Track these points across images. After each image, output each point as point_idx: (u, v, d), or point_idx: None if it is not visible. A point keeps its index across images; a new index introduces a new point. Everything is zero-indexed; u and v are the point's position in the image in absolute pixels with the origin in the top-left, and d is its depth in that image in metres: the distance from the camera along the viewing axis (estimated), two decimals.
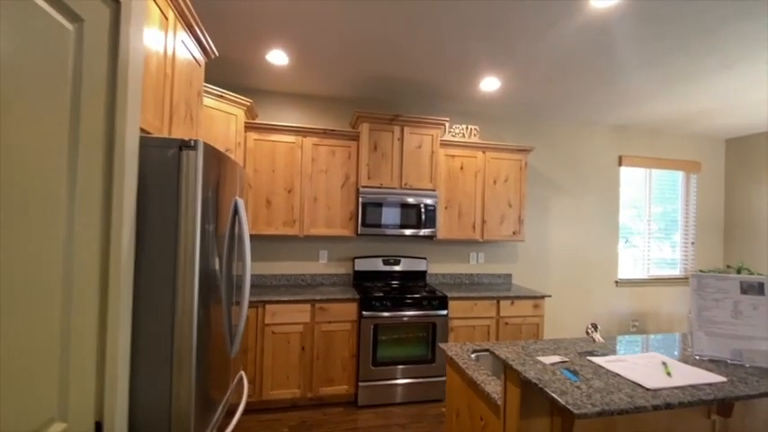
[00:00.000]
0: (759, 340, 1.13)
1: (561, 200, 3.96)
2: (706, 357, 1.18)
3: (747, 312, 1.16)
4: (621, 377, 1.01)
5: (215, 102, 2.66)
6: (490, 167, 3.41)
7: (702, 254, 4.36)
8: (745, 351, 1.14)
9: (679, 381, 0.99)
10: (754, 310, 1.16)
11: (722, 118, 3.66)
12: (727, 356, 1.17)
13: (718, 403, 0.99)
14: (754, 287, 1.17)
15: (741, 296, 1.17)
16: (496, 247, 3.78)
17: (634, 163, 4.12)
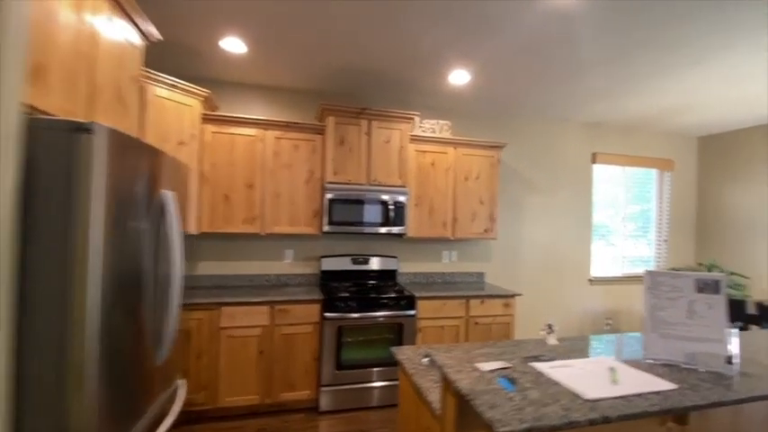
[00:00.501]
0: (713, 342, 1.06)
1: (534, 197, 3.90)
2: (659, 361, 1.10)
3: (702, 312, 1.09)
4: (561, 386, 0.92)
5: (167, 91, 2.50)
6: (462, 164, 3.32)
7: (676, 252, 4.37)
8: (699, 354, 1.06)
9: (625, 389, 0.90)
10: (709, 309, 1.08)
11: (693, 115, 3.65)
12: (680, 360, 1.09)
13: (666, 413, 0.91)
14: (709, 285, 1.09)
15: (696, 295, 1.10)
16: (469, 245, 3.69)
17: (608, 160, 4.10)
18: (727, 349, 1.04)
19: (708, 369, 1.05)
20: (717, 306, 1.07)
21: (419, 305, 2.90)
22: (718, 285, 1.08)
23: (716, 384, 0.96)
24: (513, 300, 3.15)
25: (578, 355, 1.21)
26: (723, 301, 1.07)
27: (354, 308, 2.74)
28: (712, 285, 1.09)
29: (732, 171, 4.09)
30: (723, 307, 1.06)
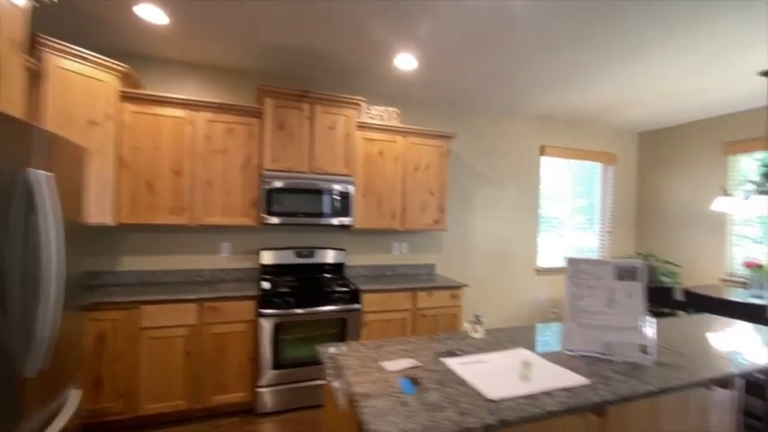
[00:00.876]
0: (631, 331, 1.02)
1: (484, 189, 3.90)
2: (578, 353, 1.06)
3: (621, 300, 1.05)
4: (467, 385, 0.84)
5: (75, 64, 2.20)
6: (411, 153, 3.23)
7: (618, 242, 4.56)
8: (616, 344, 1.02)
9: (534, 386, 0.83)
10: (628, 297, 1.04)
11: (632, 111, 3.78)
12: (599, 350, 1.05)
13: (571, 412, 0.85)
14: (629, 272, 1.05)
15: (616, 283, 1.06)
16: (420, 236, 3.63)
17: (555, 153, 4.17)
18: (642, 338, 1.01)
19: (624, 360, 1.01)
20: (635, 294, 1.04)
21: (364, 299, 2.79)
22: (636, 272, 1.04)
23: (630, 377, 0.92)
24: (461, 291, 3.12)
25: (499, 348, 1.14)
26: (641, 289, 1.03)
27: (293, 303, 2.58)
28: (631, 272, 1.05)
29: (668, 165, 4.30)
30: (641, 295, 1.03)
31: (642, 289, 1.03)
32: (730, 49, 2.43)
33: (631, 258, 4.33)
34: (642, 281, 1.03)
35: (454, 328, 3.09)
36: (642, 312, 1.02)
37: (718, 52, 2.47)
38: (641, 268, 1.04)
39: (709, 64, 2.64)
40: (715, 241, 3.84)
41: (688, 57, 2.54)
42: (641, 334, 1.02)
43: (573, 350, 1.08)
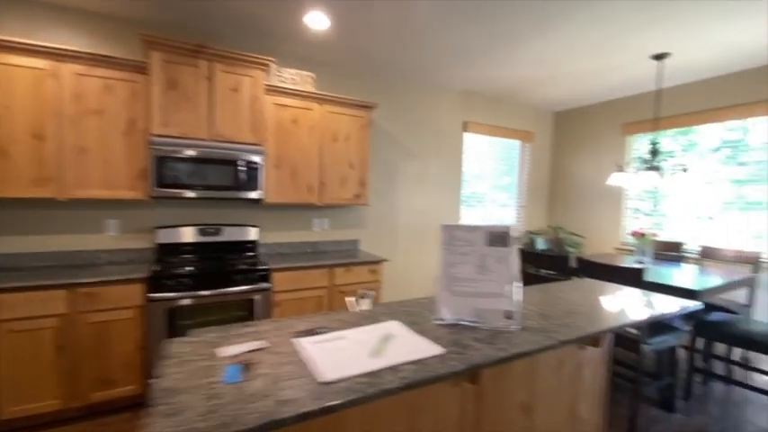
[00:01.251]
0: (498, 298, 1.01)
1: (410, 163, 3.87)
2: (448, 321, 1.03)
3: (492, 267, 1.02)
4: (305, 367, 0.75)
5: None
6: (329, 123, 3.05)
7: (532, 216, 4.85)
8: (485, 311, 1.00)
9: (383, 362, 0.77)
10: (498, 263, 1.02)
11: (548, 90, 3.94)
12: (470, 319, 1.02)
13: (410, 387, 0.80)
14: (499, 238, 1.02)
15: (487, 249, 1.03)
16: (342, 212, 3.51)
17: (478, 130, 4.25)
18: (508, 304, 1.00)
19: (489, 327, 1.00)
20: (505, 260, 1.02)
21: (275, 277, 2.63)
22: (506, 238, 1.02)
23: (488, 344, 0.91)
24: (380, 266, 3.09)
25: (369, 322, 1.07)
26: (511, 254, 1.02)
27: (190, 285, 2.34)
28: (502, 238, 1.02)
29: (578, 144, 4.60)
30: (511, 260, 1.01)
31: (512, 254, 1.02)
32: (627, 33, 2.56)
33: (544, 231, 4.64)
34: (512, 246, 1.01)
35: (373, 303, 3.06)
36: (512, 278, 1.01)
37: (616, 33, 2.59)
38: (510, 233, 1.02)
39: (608, 44, 2.78)
40: (612, 214, 4.23)
41: (590, 32, 2.63)
42: (508, 300, 1.01)
43: (445, 319, 1.05)
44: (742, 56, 2.93)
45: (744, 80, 3.22)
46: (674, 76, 3.44)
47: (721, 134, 3.44)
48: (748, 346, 2.28)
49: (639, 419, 2.27)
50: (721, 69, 3.23)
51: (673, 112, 3.67)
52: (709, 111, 3.41)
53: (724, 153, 3.41)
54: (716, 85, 3.39)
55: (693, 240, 3.59)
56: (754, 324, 2.42)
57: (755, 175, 3.21)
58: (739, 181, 3.31)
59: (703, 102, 3.47)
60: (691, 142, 3.67)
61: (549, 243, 3.74)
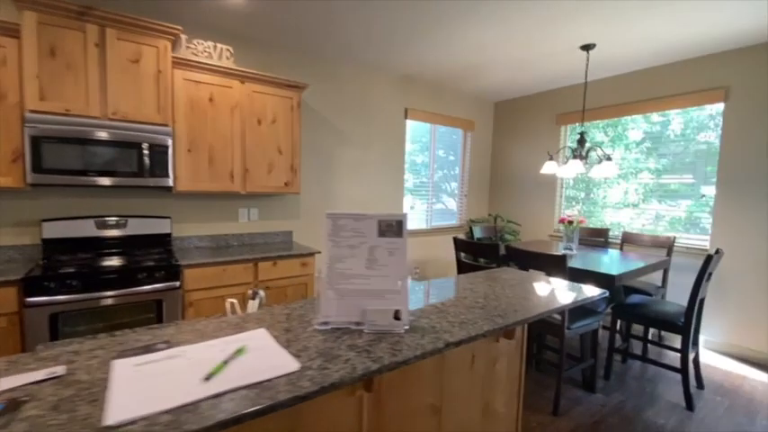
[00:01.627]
0: (387, 296, 0.88)
1: (348, 150, 3.69)
2: (332, 326, 0.89)
3: (383, 260, 0.89)
4: (99, 404, 0.57)
5: None
6: (253, 103, 2.78)
7: (474, 205, 4.89)
8: (371, 312, 0.87)
9: (213, 387, 0.61)
10: (390, 256, 0.89)
11: (487, 78, 3.92)
12: (356, 321, 0.89)
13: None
14: (392, 227, 0.90)
15: (378, 239, 0.89)
16: (272, 201, 3.26)
17: (419, 117, 4.16)
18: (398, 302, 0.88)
19: (374, 329, 0.88)
20: (398, 252, 0.89)
21: (187, 275, 2.35)
22: (401, 226, 0.89)
23: (363, 352, 0.78)
24: (312, 258, 2.91)
25: (232, 332, 0.90)
26: (405, 246, 0.89)
27: (79, 287, 2.02)
28: (394, 227, 0.89)
29: (516, 134, 4.68)
30: (404, 253, 0.89)
31: (405, 246, 0.89)
32: (556, 21, 2.55)
33: (485, 220, 4.69)
34: (405, 236, 0.89)
35: (304, 298, 2.88)
36: (404, 273, 0.89)
37: (546, 20, 2.57)
38: (405, 221, 0.90)
39: (539, 33, 2.76)
40: (548, 202, 4.36)
41: (521, 19, 2.59)
42: (398, 298, 0.89)
43: (329, 323, 0.91)
44: (664, 50, 3.06)
45: (665, 74, 3.39)
46: (603, 68, 3.55)
47: (645, 127, 3.63)
48: (660, 325, 2.40)
49: (563, 401, 2.32)
50: (644, 63, 3.38)
51: (600, 104, 3.81)
52: (633, 103, 3.57)
53: (646, 145, 3.60)
54: (639, 78, 3.54)
55: (619, 227, 3.79)
56: (666, 305, 2.56)
57: (672, 166, 3.42)
58: (658, 171, 3.52)
59: (628, 94, 3.62)
60: (618, 134, 3.84)
61: (487, 231, 3.77)
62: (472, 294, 1.33)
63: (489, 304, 1.21)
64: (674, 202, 3.42)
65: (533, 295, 1.34)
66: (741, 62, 2.96)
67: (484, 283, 1.49)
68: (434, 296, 1.33)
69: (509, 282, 1.53)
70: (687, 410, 2.26)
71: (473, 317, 1.07)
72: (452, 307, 1.17)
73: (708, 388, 2.54)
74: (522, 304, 1.22)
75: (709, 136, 3.21)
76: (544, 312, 1.14)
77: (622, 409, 2.26)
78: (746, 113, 2.94)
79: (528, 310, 1.16)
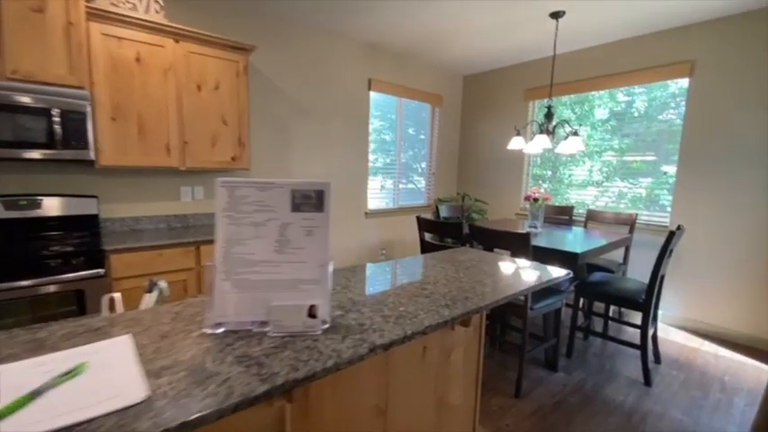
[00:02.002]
0: (302, 288, 0.69)
1: (307, 123, 3.41)
2: (224, 329, 0.69)
3: (298, 241, 0.70)
4: None
5: None
6: (191, 66, 2.45)
7: (442, 183, 4.75)
8: (280, 310, 0.68)
9: None
10: (307, 236, 0.70)
11: (454, 49, 3.71)
12: (260, 321, 0.70)
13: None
14: (310, 199, 0.70)
15: (292, 215, 0.70)
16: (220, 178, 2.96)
17: (384, 89, 3.91)
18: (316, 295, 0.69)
19: (284, 331, 0.69)
20: (319, 231, 0.70)
21: (113, 261, 2.07)
22: (322, 198, 0.70)
23: (254, 366, 0.60)
24: None
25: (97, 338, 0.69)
26: (327, 223, 0.70)
27: None
28: (314, 199, 0.70)
29: (485, 109, 4.53)
30: (326, 231, 0.70)
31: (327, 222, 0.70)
32: None
33: (454, 199, 4.56)
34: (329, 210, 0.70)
35: None
36: (325, 256, 0.69)
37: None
38: (328, 190, 0.70)
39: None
40: (515, 180, 4.29)
41: None
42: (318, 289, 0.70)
43: (223, 325, 0.71)
44: (632, 20, 2.95)
45: (632, 47, 3.30)
46: (571, 41, 3.42)
47: (610, 105, 3.57)
48: (622, 303, 2.37)
49: (525, 382, 2.27)
50: (612, 35, 3.27)
51: (568, 79, 3.71)
52: (600, 77, 3.48)
53: (611, 124, 3.55)
54: (607, 51, 3.45)
55: (584, 205, 3.77)
56: (627, 282, 2.54)
57: (635, 144, 3.39)
58: (622, 149, 3.48)
59: (596, 68, 3.53)
60: (585, 112, 3.77)
61: (453, 210, 3.65)
62: (421, 279, 1.17)
63: (438, 291, 1.06)
64: (636, 180, 3.42)
65: (490, 278, 1.20)
66: (707, 36, 2.90)
67: (437, 266, 1.34)
68: (376, 282, 1.17)
69: (465, 263, 1.39)
70: (645, 386, 2.27)
71: (415, 308, 0.91)
72: (393, 296, 1.00)
73: (664, 362, 2.57)
74: (477, 290, 1.07)
75: (671, 114, 3.19)
76: (500, 299, 1.00)
77: (583, 388, 2.23)
78: (710, 89, 2.91)
79: (482, 296, 1.01)
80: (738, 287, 2.84)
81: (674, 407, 2.07)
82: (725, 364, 2.54)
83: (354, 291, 1.07)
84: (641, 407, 2.07)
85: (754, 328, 2.79)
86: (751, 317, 2.80)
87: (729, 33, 2.80)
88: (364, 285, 1.12)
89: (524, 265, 1.41)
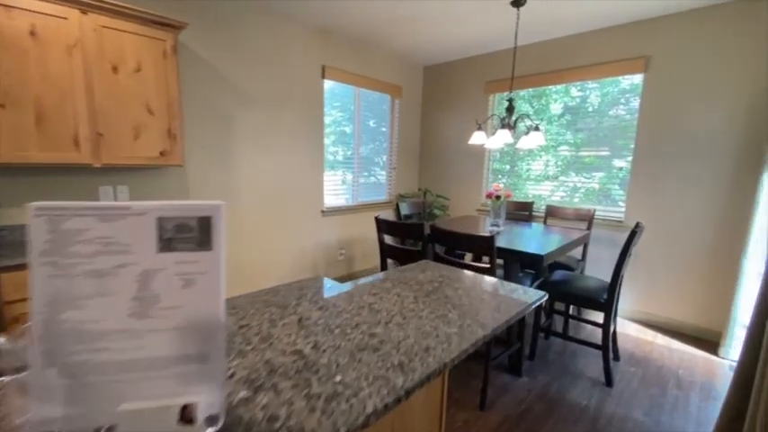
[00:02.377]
0: (175, 372, 0.45)
1: (253, 113, 3.08)
2: None
3: (170, 298, 0.46)
4: None
5: None
6: (103, 43, 2.06)
7: (403, 179, 4.58)
8: (127, 416, 0.43)
9: None
10: (185, 288, 0.46)
11: (413, 37, 3.51)
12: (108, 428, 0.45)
13: None
14: (190, 231, 0.46)
15: (160, 258, 0.45)
16: (149, 176, 2.59)
17: (339, 77, 3.64)
18: (199, 382, 0.45)
19: None
20: (206, 279, 0.46)
21: (4, 280, 1.69)
22: (209, 229, 0.46)
23: None
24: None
25: None
26: (219, 267, 0.47)
27: None
28: (195, 231, 0.45)
29: (445, 102, 4.40)
30: (218, 279, 0.46)
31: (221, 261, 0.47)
32: None
33: (416, 195, 4.40)
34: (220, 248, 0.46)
35: None
36: (216, 321, 0.46)
37: None
38: (217, 218, 0.46)
39: None
40: (476, 175, 4.21)
41: None
42: (205, 370, 0.47)
43: None
44: (591, 12, 2.90)
45: (591, 41, 3.28)
46: (532, 33, 3.34)
47: (566, 100, 3.55)
48: (584, 303, 2.32)
49: (490, 390, 2.16)
50: (572, 28, 3.22)
51: (528, 72, 3.64)
52: (559, 71, 3.44)
53: (566, 119, 3.54)
54: (566, 44, 3.40)
55: (540, 199, 3.75)
56: (588, 280, 2.50)
57: (588, 139, 3.40)
58: (576, 144, 3.48)
59: (555, 62, 3.48)
60: (542, 106, 3.74)
61: (415, 207, 3.48)
62: (370, 318, 0.95)
63: (391, 337, 0.85)
64: (590, 174, 3.44)
65: (456, 311, 1.01)
66: (661, 32, 2.92)
67: (392, 291, 1.13)
68: (310, 323, 0.90)
69: (425, 287, 1.19)
70: (606, 386, 2.24)
71: (356, 375, 0.68)
72: (330, 350, 0.76)
73: (622, 358, 2.57)
74: (440, 331, 0.88)
75: (621, 110, 3.21)
76: (469, 347, 0.82)
77: (548, 393, 2.16)
78: (664, 84, 2.93)
79: (447, 343, 0.81)
80: (687, 280, 2.92)
81: (636, 407, 2.05)
82: (678, 357, 2.59)
83: (277, 343, 0.82)
84: (605, 410, 2.02)
85: (702, 320, 2.88)
86: (699, 308, 2.89)
87: (683, 29, 2.82)
88: (293, 330, 0.88)
89: (494, 287, 1.24)
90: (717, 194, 2.75)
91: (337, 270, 3.96)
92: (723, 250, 2.75)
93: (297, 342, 0.83)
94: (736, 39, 2.61)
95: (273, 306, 1.01)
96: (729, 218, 2.71)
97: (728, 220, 2.72)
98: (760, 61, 2.54)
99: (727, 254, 2.73)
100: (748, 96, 2.59)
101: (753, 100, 2.58)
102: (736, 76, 2.63)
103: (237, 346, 0.79)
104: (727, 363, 2.53)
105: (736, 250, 2.65)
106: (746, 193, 2.62)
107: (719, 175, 2.74)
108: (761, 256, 2.46)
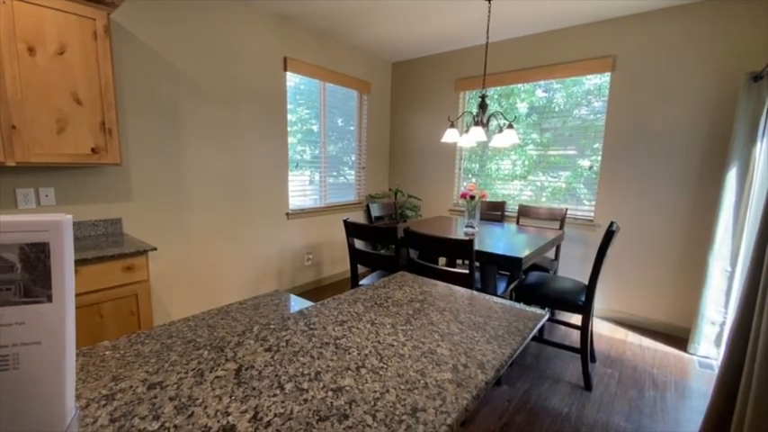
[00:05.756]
0: None
1: (205, 107, 2.78)
2: None
3: None
4: None
5: None
6: (16, 20, 1.73)
7: (374, 178, 4.41)
8: None
9: None
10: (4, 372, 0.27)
11: (379, 29, 3.34)
12: None
13: None
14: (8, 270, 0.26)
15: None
16: (80, 176, 2.25)
17: (303, 70, 3.41)
18: None
19: None
20: (46, 346, 0.27)
21: None
22: (48, 263, 0.25)
23: None
24: (144, 258, 2.05)
25: None
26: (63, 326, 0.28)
27: None
28: (19, 272, 0.26)
29: (415, 99, 4.27)
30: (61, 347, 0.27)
31: (65, 321, 0.28)
32: None
33: (386, 195, 4.23)
34: (66, 292, 0.28)
35: (138, 318, 2.04)
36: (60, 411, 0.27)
37: None
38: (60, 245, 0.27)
39: None
40: (447, 174, 4.10)
41: None
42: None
43: None
44: (561, 10, 2.85)
45: (560, 40, 3.25)
46: (502, 29, 3.27)
47: (532, 99, 3.52)
48: (562, 306, 2.25)
49: None
50: (542, 26, 3.18)
51: (498, 69, 3.58)
52: (529, 69, 3.40)
53: (533, 119, 3.51)
54: (536, 42, 3.36)
55: (509, 198, 3.70)
56: (564, 282, 2.44)
57: (555, 139, 3.39)
58: (543, 144, 3.46)
59: (525, 60, 3.43)
60: (510, 105, 3.69)
61: (386, 209, 3.32)
62: (335, 361, 0.74)
63: (364, 394, 0.63)
64: (556, 173, 3.43)
65: (447, 345, 0.82)
66: (628, 31, 2.92)
67: (364, 319, 0.93)
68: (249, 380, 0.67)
69: (405, 309, 1.01)
70: (586, 390, 2.17)
71: None
72: (275, 426, 0.55)
73: (598, 359, 2.54)
74: (428, 377, 0.70)
75: (584, 111, 3.22)
76: (469, 401, 0.65)
77: (528, 402, 2.06)
78: (631, 84, 2.94)
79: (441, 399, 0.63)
80: (656, 277, 2.95)
81: (616, 412, 1.99)
82: (651, 356, 2.59)
83: (199, 413, 0.58)
84: (586, 417, 1.95)
85: (671, 317, 2.92)
86: (668, 305, 2.92)
87: (650, 29, 2.83)
88: (227, 389, 0.64)
89: (486, 306, 1.09)
90: (683, 193, 2.79)
91: (305, 276, 3.72)
92: (690, 248, 2.79)
93: (229, 409, 0.60)
94: (700, 39, 2.65)
95: (206, 348, 0.79)
96: (696, 216, 2.76)
97: (695, 218, 2.76)
98: (723, 62, 2.58)
99: (694, 251, 2.78)
100: (711, 97, 2.64)
101: (716, 101, 2.62)
102: (699, 77, 2.67)
103: (135, 428, 0.55)
104: (696, 359, 2.56)
105: (702, 247, 2.70)
106: (711, 192, 2.67)
107: (685, 174, 2.77)
108: (725, 255, 2.50)
